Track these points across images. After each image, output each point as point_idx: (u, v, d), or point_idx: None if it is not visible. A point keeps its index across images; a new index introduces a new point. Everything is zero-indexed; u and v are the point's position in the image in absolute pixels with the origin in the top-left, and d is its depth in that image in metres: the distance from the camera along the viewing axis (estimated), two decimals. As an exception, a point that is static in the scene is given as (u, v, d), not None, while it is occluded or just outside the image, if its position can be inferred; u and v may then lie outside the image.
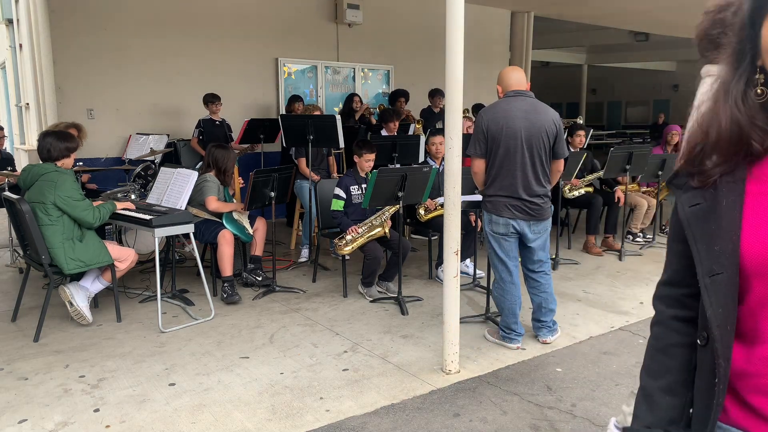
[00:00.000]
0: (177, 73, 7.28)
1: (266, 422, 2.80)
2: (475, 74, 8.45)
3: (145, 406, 2.94)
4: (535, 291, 3.70)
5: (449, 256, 3.24)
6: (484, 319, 4.14)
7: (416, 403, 2.99)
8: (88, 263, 3.88)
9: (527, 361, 3.52)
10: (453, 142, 3.13)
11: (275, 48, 8.00)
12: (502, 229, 3.54)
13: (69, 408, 2.93)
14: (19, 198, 3.78)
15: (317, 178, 5.58)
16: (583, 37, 14.81)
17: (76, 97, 6.69)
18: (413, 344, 3.75)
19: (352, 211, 4.74)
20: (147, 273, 5.25)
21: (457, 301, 3.29)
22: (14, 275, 5.35)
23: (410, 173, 4.29)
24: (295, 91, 8.08)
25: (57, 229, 3.79)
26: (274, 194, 4.69)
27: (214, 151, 4.77)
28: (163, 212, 4.06)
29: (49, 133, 4.05)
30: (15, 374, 3.30)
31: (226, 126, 6.77)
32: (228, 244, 4.50)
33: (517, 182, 3.47)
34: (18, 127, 9.56)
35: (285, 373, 3.33)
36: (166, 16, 7.14)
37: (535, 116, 3.47)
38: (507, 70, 3.66)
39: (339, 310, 4.41)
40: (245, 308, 4.43)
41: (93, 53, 6.71)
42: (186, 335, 3.88)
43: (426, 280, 5.22)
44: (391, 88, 8.99)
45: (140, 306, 4.44)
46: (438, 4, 4.06)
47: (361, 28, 8.60)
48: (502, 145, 3.47)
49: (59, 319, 4.11)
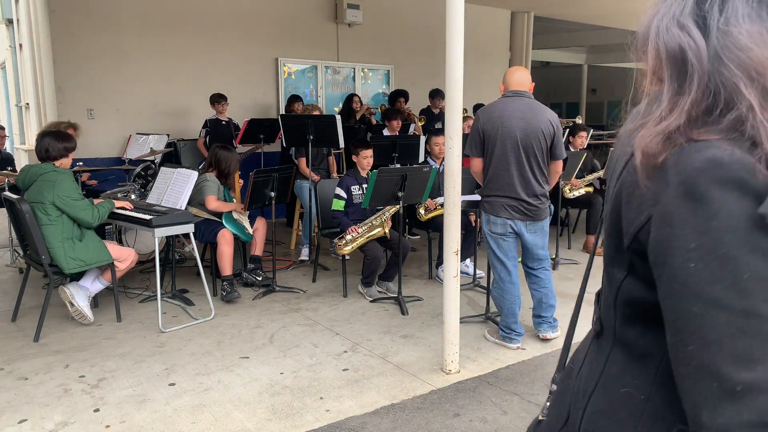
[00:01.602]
0: (177, 73, 7.28)
1: (266, 422, 2.80)
2: (475, 74, 8.46)
3: (145, 406, 2.94)
4: (535, 287, 3.71)
5: (449, 256, 3.24)
6: (484, 319, 4.14)
7: (416, 403, 2.99)
8: (88, 263, 3.88)
9: (527, 361, 3.52)
10: (453, 142, 3.13)
11: (275, 48, 8.00)
12: (500, 229, 3.54)
13: (69, 408, 2.93)
14: (18, 198, 3.78)
15: (317, 178, 5.58)
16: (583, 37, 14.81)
17: (76, 97, 6.69)
18: (413, 344, 3.75)
19: (353, 211, 4.74)
20: (147, 273, 5.25)
21: (457, 301, 3.29)
22: (14, 275, 5.34)
23: (410, 173, 4.29)
24: (295, 91, 8.08)
25: (56, 229, 3.79)
26: (274, 194, 4.69)
27: (218, 151, 4.76)
28: (163, 212, 4.06)
29: (47, 133, 4.05)
30: (15, 374, 3.30)
31: (233, 125, 6.74)
32: (228, 243, 4.50)
33: (514, 182, 3.47)
34: (18, 127, 9.56)
35: (285, 373, 3.33)
36: (166, 16, 7.14)
37: (532, 117, 3.47)
38: (511, 69, 3.68)
39: (339, 310, 4.41)
40: (245, 308, 4.43)
41: (93, 53, 6.71)
42: (186, 335, 3.88)
43: (426, 280, 5.22)
44: (391, 88, 8.99)
45: (140, 306, 4.44)
46: (438, 4, 4.06)
47: (361, 28, 8.60)
48: (498, 145, 3.47)
49: (59, 319, 4.11)
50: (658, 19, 0.73)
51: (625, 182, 0.74)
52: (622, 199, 0.75)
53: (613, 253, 0.79)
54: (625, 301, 0.79)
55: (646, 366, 0.78)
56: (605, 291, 0.86)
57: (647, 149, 0.69)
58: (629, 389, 0.79)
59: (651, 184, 0.68)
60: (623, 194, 0.75)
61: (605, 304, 0.86)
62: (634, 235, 0.72)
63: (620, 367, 0.82)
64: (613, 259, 0.80)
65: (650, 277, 0.71)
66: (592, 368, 0.88)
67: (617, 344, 0.83)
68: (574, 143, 6.31)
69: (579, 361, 0.97)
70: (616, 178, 0.84)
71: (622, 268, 0.78)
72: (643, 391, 0.78)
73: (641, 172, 0.70)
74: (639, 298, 0.76)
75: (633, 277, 0.76)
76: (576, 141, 6.30)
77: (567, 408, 0.96)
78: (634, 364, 0.80)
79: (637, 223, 0.71)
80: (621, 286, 0.79)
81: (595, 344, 0.90)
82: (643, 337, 0.78)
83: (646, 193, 0.69)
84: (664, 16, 0.72)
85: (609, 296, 0.83)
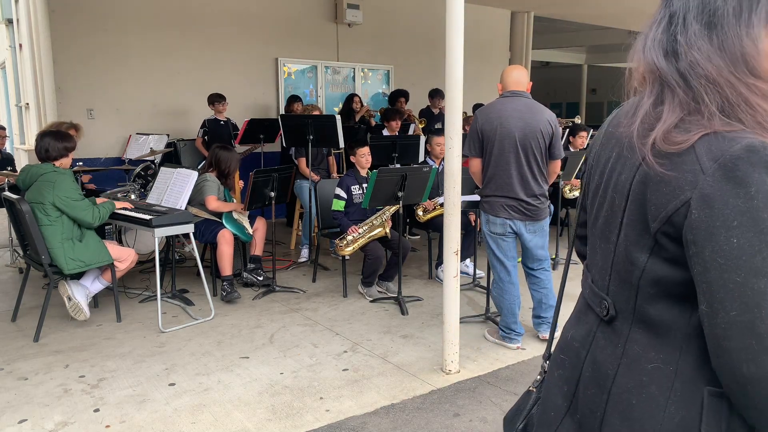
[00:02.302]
0: (177, 73, 7.28)
1: (266, 422, 2.80)
2: (475, 74, 8.46)
3: (145, 406, 2.94)
4: (535, 287, 3.71)
5: (449, 256, 3.24)
6: (484, 319, 4.14)
7: (416, 403, 2.99)
8: (88, 263, 3.87)
9: (527, 361, 3.52)
10: (453, 142, 3.13)
11: (275, 48, 8.00)
12: (500, 229, 3.54)
13: (69, 408, 2.93)
14: (19, 198, 3.78)
15: (317, 178, 5.58)
16: (583, 37, 14.81)
17: (76, 97, 6.69)
18: (413, 344, 3.75)
19: (353, 211, 4.74)
20: (147, 273, 5.25)
21: (457, 301, 3.29)
22: (14, 275, 5.34)
23: (410, 173, 4.29)
24: (295, 91, 8.08)
25: (56, 229, 3.79)
26: (274, 194, 4.69)
27: (218, 152, 4.76)
28: (163, 212, 4.06)
29: (47, 133, 4.05)
30: (15, 374, 3.30)
31: (231, 125, 6.74)
32: (227, 243, 4.50)
33: (513, 182, 3.47)
34: (18, 127, 9.56)
35: (285, 373, 3.33)
36: (166, 16, 7.14)
37: (530, 117, 3.47)
38: (508, 68, 3.67)
39: (339, 310, 4.41)
40: (245, 308, 4.43)
41: (93, 53, 6.71)
42: (186, 335, 3.88)
43: (426, 280, 5.22)
44: (391, 88, 8.98)
45: (140, 306, 4.44)
46: (438, 4, 4.06)
47: (361, 28, 8.60)
48: (497, 145, 3.47)
49: (59, 319, 4.11)
50: (643, 40, 0.90)
51: (649, 174, 0.82)
52: (648, 189, 0.83)
53: (635, 238, 0.87)
54: (649, 281, 0.86)
55: (671, 338, 0.85)
56: (620, 276, 0.91)
57: (665, 140, 0.80)
58: (656, 364, 0.86)
59: (680, 173, 0.78)
60: (649, 185, 0.83)
61: (620, 289, 0.92)
62: (666, 219, 0.80)
63: (643, 345, 0.88)
64: (635, 244, 0.87)
65: (676, 257, 0.81)
66: (607, 353, 0.93)
67: (637, 324, 0.90)
68: (574, 143, 6.31)
69: (576, 350, 1.01)
70: (607, 173, 0.95)
71: (645, 251, 0.85)
72: (670, 362, 0.85)
73: (663, 163, 0.80)
74: (664, 277, 0.84)
75: (656, 257, 0.84)
76: (576, 141, 6.30)
77: (569, 398, 1.00)
78: (658, 340, 0.87)
79: (670, 207, 0.79)
80: (645, 268, 0.86)
81: (605, 330, 0.95)
82: (668, 311, 0.85)
83: (678, 180, 0.78)
84: (647, 38, 0.90)
85: (628, 279, 0.89)
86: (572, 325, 1.07)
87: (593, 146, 1.06)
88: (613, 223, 0.92)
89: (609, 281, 0.95)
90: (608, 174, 0.95)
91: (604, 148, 1.00)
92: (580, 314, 1.05)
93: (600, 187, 0.98)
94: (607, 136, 1.00)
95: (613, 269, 0.93)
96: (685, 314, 0.83)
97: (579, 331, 1.03)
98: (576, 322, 1.05)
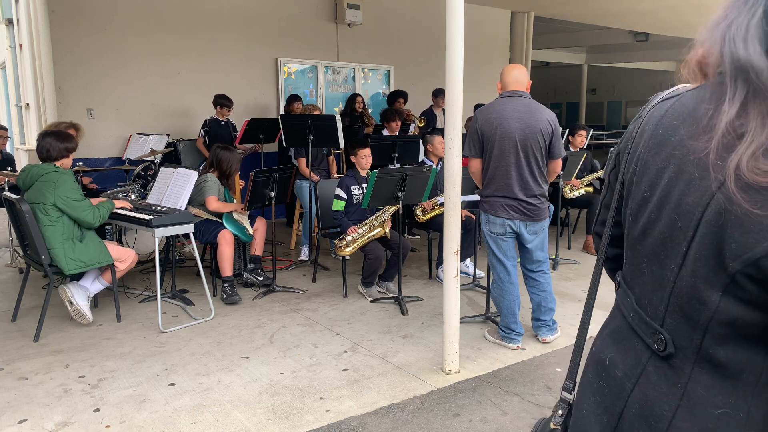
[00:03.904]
0: (177, 73, 7.28)
1: (266, 422, 2.80)
2: (475, 74, 8.46)
3: (145, 407, 2.94)
4: (534, 290, 3.70)
5: (449, 256, 3.24)
6: (484, 319, 4.14)
7: (416, 403, 2.99)
8: (88, 263, 3.87)
9: (527, 361, 3.52)
10: (453, 142, 3.13)
11: (275, 48, 8.00)
12: (499, 229, 3.54)
13: (69, 408, 2.93)
14: (19, 198, 3.78)
15: (317, 178, 5.58)
16: (583, 37, 14.83)
17: (76, 97, 6.69)
18: (413, 344, 3.75)
19: (353, 211, 4.74)
20: (147, 273, 5.25)
21: (457, 301, 3.29)
22: (14, 275, 5.35)
23: (410, 173, 4.29)
24: (295, 91, 8.08)
25: (57, 230, 3.79)
26: (274, 194, 4.69)
27: (219, 152, 4.76)
28: (163, 212, 4.06)
29: (48, 133, 4.04)
30: (15, 374, 3.30)
31: (231, 126, 6.75)
32: (228, 244, 4.50)
33: (513, 182, 3.47)
34: (18, 127, 9.56)
35: (285, 373, 3.33)
36: (166, 16, 7.14)
37: (530, 116, 3.47)
38: (507, 68, 3.66)
39: (339, 310, 4.41)
40: (245, 308, 4.43)
41: (93, 53, 6.71)
42: (186, 335, 3.88)
43: (426, 280, 5.22)
44: (391, 88, 8.99)
45: (140, 306, 4.44)
46: (438, 4, 4.06)
47: (361, 28, 8.60)
48: (497, 145, 3.47)
49: (59, 319, 4.11)
50: (725, 26, 0.74)
51: (729, 208, 0.71)
52: (728, 224, 0.72)
53: (705, 274, 0.77)
54: (721, 321, 0.77)
55: (743, 382, 0.77)
56: (682, 312, 0.82)
57: (752, 168, 0.68)
58: (725, 410, 0.78)
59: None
60: (730, 219, 0.72)
61: (681, 325, 0.82)
62: (753, 261, 0.70)
63: (709, 387, 0.80)
64: (705, 281, 0.77)
65: (756, 299, 0.72)
66: (662, 391, 0.84)
67: (701, 364, 0.80)
68: (574, 143, 6.31)
69: (619, 379, 0.92)
70: (662, 187, 0.82)
71: (717, 289, 0.76)
72: (741, 408, 0.77)
73: (750, 198, 0.69)
74: (739, 318, 0.75)
75: (731, 297, 0.75)
76: (576, 141, 6.30)
77: (609, 431, 0.91)
78: (727, 383, 0.78)
79: (758, 250, 0.69)
80: (717, 309, 0.76)
81: (659, 365, 0.86)
82: (739, 353, 0.77)
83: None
84: (732, 25, 0.73)
85: (693, 317, 0.80)
86: (608, 346, 0.95)
87: (635, 145, 0.93)
88: (672, 249, 0.81)
89: (665, 313, 0.84)
90: (664, 189, 0.83)
91: (654, 154, 0.86)
92: (620, 337, 0.94)
93: (650, 200, 0.86)
94: (659, 140, 0.86)
95: (671, 301, 0.83)
96: (758, 356, 0.75)
97: (622, 358, 0.92)
98: (615, 345, 0.94)
